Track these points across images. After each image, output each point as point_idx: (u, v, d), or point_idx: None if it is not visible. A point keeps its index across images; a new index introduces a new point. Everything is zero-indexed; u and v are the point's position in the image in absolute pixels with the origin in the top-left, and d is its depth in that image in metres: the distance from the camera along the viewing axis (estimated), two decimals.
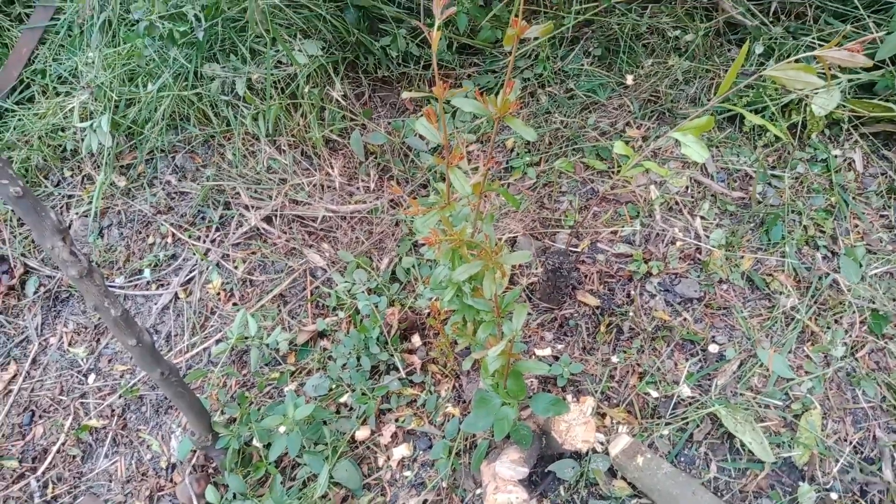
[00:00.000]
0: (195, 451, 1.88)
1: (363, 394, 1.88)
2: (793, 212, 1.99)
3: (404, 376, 1.91)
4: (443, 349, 1.86)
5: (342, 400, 1.91)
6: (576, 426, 1.41)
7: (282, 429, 1.71)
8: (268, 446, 1.76)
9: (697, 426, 1.62)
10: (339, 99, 2.34)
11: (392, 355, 1.93)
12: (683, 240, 1.93)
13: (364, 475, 1.80)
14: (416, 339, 1.99)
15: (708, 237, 1.93)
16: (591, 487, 1.59)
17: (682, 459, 1.60)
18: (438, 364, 1.93)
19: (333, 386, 1.93)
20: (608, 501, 1.55)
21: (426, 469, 1.78)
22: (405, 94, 1.00)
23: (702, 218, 1.97)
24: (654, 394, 1.68)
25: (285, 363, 2.02)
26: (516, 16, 0.94)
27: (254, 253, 2.22)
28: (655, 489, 1.48)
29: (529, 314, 1.88)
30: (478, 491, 1.69)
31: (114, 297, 1.39)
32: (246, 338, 1.96)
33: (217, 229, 2.31)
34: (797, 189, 2.04)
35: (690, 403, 1.66)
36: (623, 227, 1.98)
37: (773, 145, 2.10)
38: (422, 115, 1.08)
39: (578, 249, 1.95)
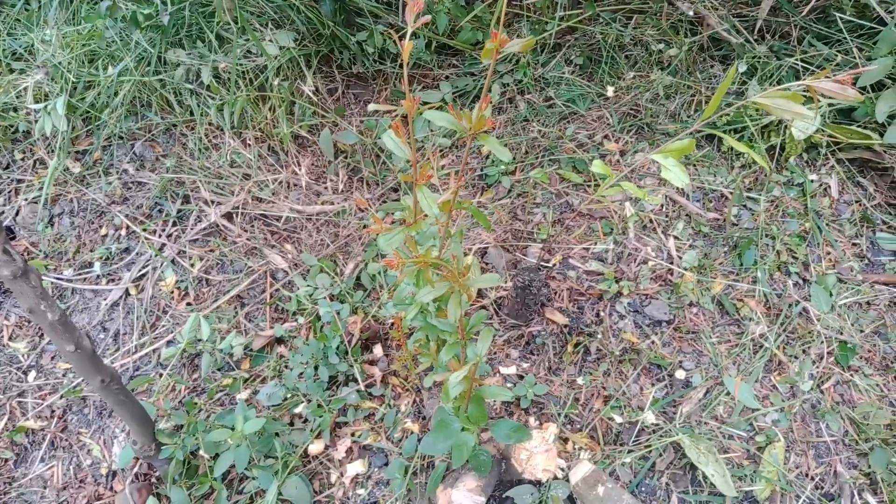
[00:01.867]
0: (138, 459, 1.78)
1: (319, 405, 1.80)
2: (767, 236, 1.96)
3: (363, 388, 1.84)
4: (405, 363, 1.79)
5: (297, 411, 1.83)
6: (537, 454, 1.35)
7: (230, 441, 1.63)
8: (215, 458, 1.67)
9: (660, 455, 1.58)
10: (311, 94, 2.24)
11: (352, 366, 1.85)
12: (656, 260, 1.89)
13: (315, 492, 1.72)
14: (377, 350, 1.92)
15: (681, 258, 1.89)
16: None
17: (643, 489, 1.55)
18: (399, 377, 1.86)
19: (288, 395, 1.85)
20: None
21: (380, 488, 1.71)
22: (372, 107, 0.92)
23: (675, 238, 1.93)
24: (619, 419, 1.64)
25: (239, 369, 1.93)
26: (497, 25, 0.87)
27: (212, 251, 2.12)
28: None
29: (496, 330, 1.82)
30: None
31: (51, 299, 1.28)
32: (198, 341, 1.87)
33: (174, 224, 2.20)
34: (772, 212, 2.01)
35: (654, 431, 1.62)
36: (596, 243, 1.93)
37: (750, 167, 2.07)
38: (389, 129, 1.00)
39: (550, 264, 1.89)
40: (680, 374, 1.70)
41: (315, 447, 1.77)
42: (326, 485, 1.73)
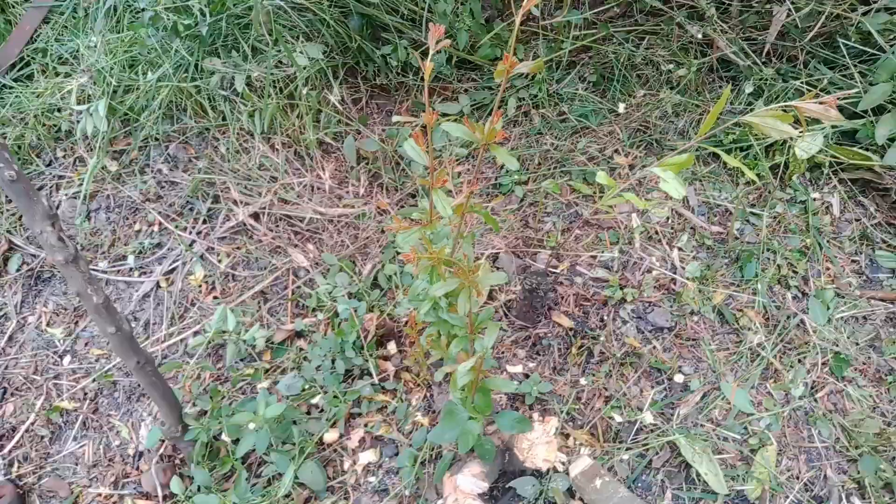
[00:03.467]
0: (163, 441, 1.89)
1: (335, 397, 1.90)
2: (768, 250, 2.04)
3: (377, 382, 1.94)
4: (417, 359, 1.89)
5: (314, 401, 1.94)
6: (538, 445, 1.45)
7: (251, 426, 1.74)
8: (236, 442, 1.78)
9: (657, 453, 1.66)
10: (337, 103, 2.37)
11: (367, 360, 1.96)
12: (660, 270, 1.98)
13: (329, 477, 1.82)
14: (391, 347, 2.02)
15: (684, 269, 1.98)
16: None
17: (640, 485, 1.64)
18: (412, 373, 1.96)
19: (306, 386, 1.96)
20: None
21: (390, 476, 1.81)
22: (395, 118, 1.04)
23: (679, 249, 2.02)
24: (618, 418, 1.72)
25: (261, 360, 2.04)
26: (509, 49, 0.98)
27: (238, 248, 2.25)
28: None
29: (504, 331, 1.91)
30: (439, 502, 1.72)
31: (97, 284, 1.41)
32: (224, 332, 1.98)
33: (204, 222, 2.32)
34: (774, 228, 2.10)
35: (652, 430, 1.70)
36: (603, 252, 2.03)
37: (754, 184, 2.15)
38: (409, 138, 1.11)
39: (557, 270, 1.99)
40: (679, 378, 1.78)
41: (330, 436, 1.87)
42: (339, 471, 1.83)
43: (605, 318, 1.90)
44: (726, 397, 1.74)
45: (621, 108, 2.31)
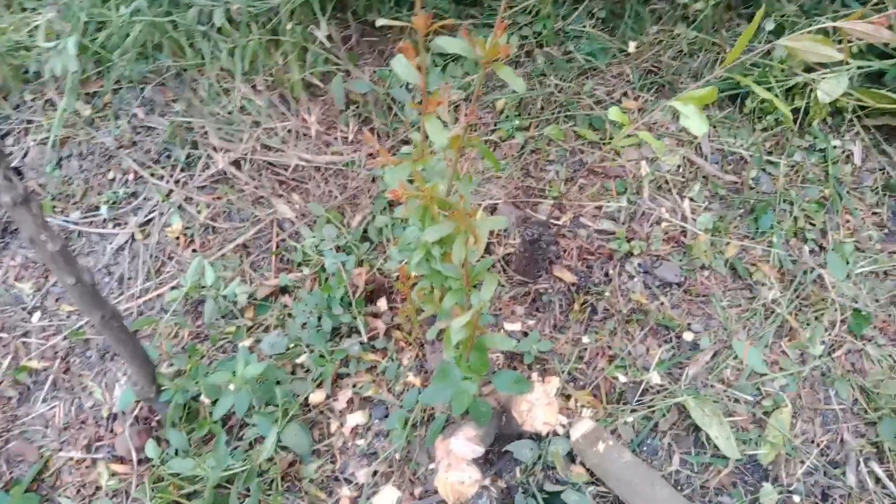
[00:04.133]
0: (139, 403, 1.79)
1: (321, 356, 1.79)
2: (784, 201, 1.90)
3: (366, 341, 1.82)
4: (409, 316, 1.77)
5: (299, 360, 1.83)
6: (538, 407, 1.34)
7: (231, 386, 1.62)
8: (215, 403, 1.67)
9: (664, 415, 1.56)
10: (324, 40, 2.18)
11: (355, 318, 1.83)
12: (669, 221, 1.84)
13: (314, 440, 1.72)
14: (381, 303, 1.90)
15: (695, 220, 1.84)
16: (548, 471, 1.52)
17: (645, 449, 1.54)
18: (403, 331, 1.84)
19: (291, 345, 1.84)
20: (564, 487, 1.49)
21: (380, 439, 1.71)
22: (379, 21, 0.88)
23: (691, 200, 1.88)
24: (623, 378, 1.61)
25: (243, 317, 1.92)
26: None
27: (219, 198, 2.10)
28: (614, 478, 1.42)
29: (502, 286, 1.79)
30: (431, 466, 1.62)
31: (52, 230, 1.26)
32: (202, 287, 1.85)
33: (182, 169, 2.17)
34: (791, 178, 1.95)
35: (658, 391, 1.59)
36: (609, 202, 1.88)
37: (772, 129, 2.00)
38: (399, 53, 0.96)
39: (560, 222, 1.85)
40: (688, 337, 1.67)
41: (316, 397, 1.76)
42: (326, 434, 1.73)
43: (611, 272, 1.77)
44: (738, 356, 1.63)
45: (632, 47, 2.13)
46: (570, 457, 1.53)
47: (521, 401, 1.39)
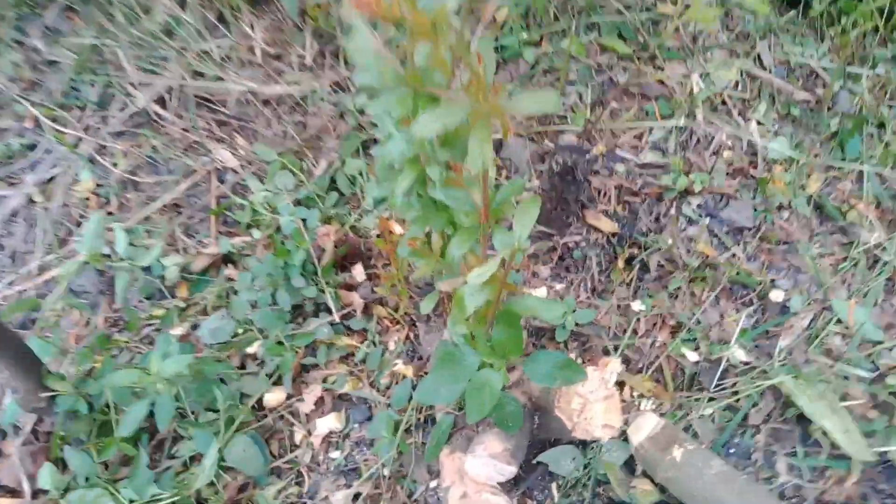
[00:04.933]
0: (40, 417, 1.31)
1: (279, 343, 1.33)
2: (873, 123, 1.48)
3: (338, 320, 1.36)
4: (394, 284, 1.31)
5: (250, 350, 1.36)
6: (594, 404, 0.89)
7: (159, 387, 1.16)
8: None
9: (755, 404, 1.13)
10: None
11: (323, 291, 1.37)
12: (733, 149, 1.41)
13: (272, 455, 1.27)
14: (357, 271, 1.44)
15: (765, 148, 1.41)
16: (599, 487, 1.09)
17: (733, 451, 1.11)
18: (387, 306, 1.39)
19: (239, 331, 1.38)
20: None
21: (361, 449, 1.26)
22: None
23: (758, 123, 1.45)
24: (693, 356, 1.18)
25: (174, 297, 1.45)
26: None
27: (140, 146, 1.62)
28: (700, 497, 0.98)
29: None
30: (432, 483, 1.18)
31: None
32: (105, 256, 1.38)
33: (93, 113, 1.68)
34: (877, 94, 1.53)
35: (744, 371, 1.16)
36: (651, 129, 1.44)
37: (847, 33, 1.57)
38: None
39: (590, 156, 1.40)
40: (776, 297, 1.24)
41: (273, 397, 1.31)
42: (288, 447, 1.28)
43: (662, 217, 1.33)
44: (842, 320, 1.21)
45: None
46: (629, 468, 1.09)
47: (570, 396, 0.94)
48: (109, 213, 1.57)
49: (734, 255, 1.29)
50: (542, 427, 1.03)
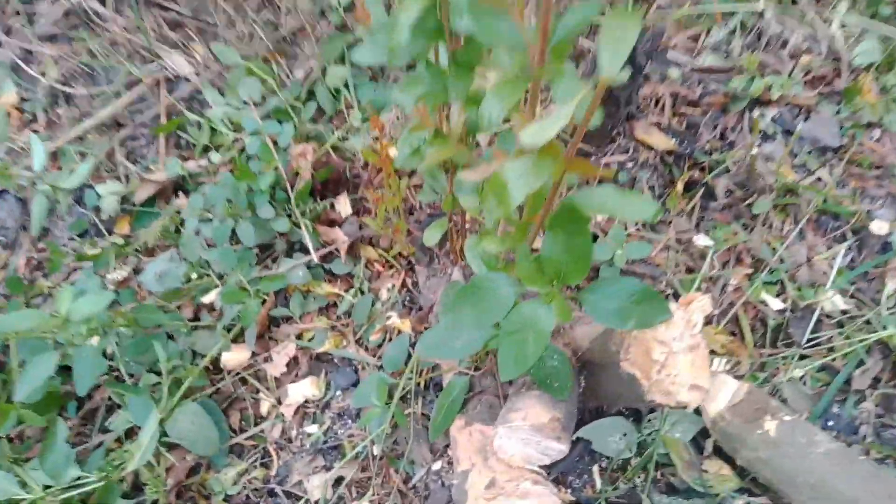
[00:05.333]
0: None
1: (242, 289, 1.04)
2: None
3: (317, 262, 1.08)
4: (389, 216, 1.03)
5: (205, 299, 1.08)
6: (678, 357, 0.62)
7: (76, 338, 0.88)
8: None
9: (860, 364, 0.87)
10: None
11: (297, 225, 1.09)
12: (810, 52, 1.13)
13: (232, 430, 1.00)
14: (342, 204, 1.16)
15: (850, 53, 1.13)
16: (657, 471, 0.83)
17: (832, 422, 0.85)
18: (378, 247, 1.11)
19: (193, 276, 1.09)
20: (689, 502, 0.80)
21: (345, 423, 0.99)
22: None
23: (841, 26, 1.17)
24: (777, 304, 0.91)
25: (112, 234, 1.16)
26: None
27: (74, 52, 1.30)
28: (806, 484, 0.72)
29: None
30: (435, 466, 0.91)
31: None
32: (38, 180, 1.08)
33: (17, 12, 1.36)
34: None
35: (843, 322, 0.90)
36: (709, 29, 1.16)
37: None
38: None
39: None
40: (877, 229, 0.97)
41: (232, 356, 1.03)
42: (252, 418, 1.01)
43: (729, 132, 1.06)
44: None
45: None
46: (696, 446, 0.83)
47: (646, 345, 0.65)
48: (36, 132, 1.26)
49: (819, 180, 1.02)
50: (589, 392, 0.76)
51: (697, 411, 0.81)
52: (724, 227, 0.97)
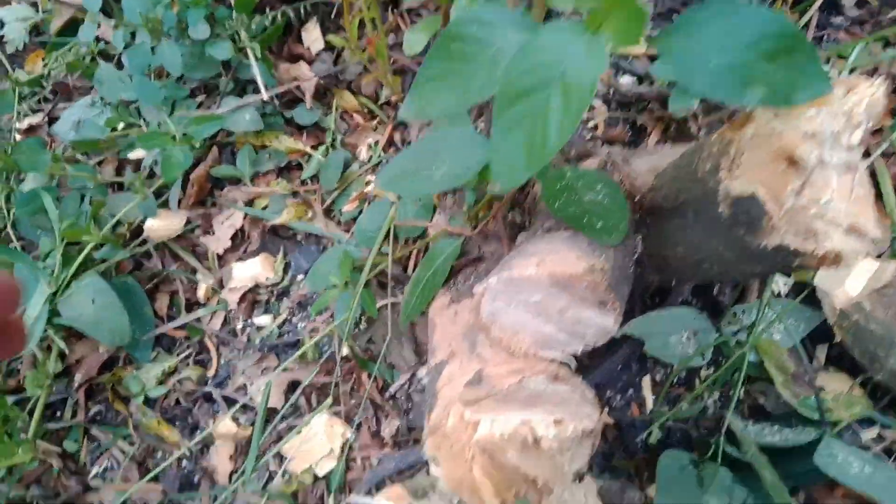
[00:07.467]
0: None
1: (172, 138, 0.76)
2: None
3: (274, 105, 0.81)
4: (370, 43, 0.73)
5: (132, 155, 0.82)
6: (830, 171, 0.33)
7: None
8: None
9: None
10: None
11: (243, 51, 0.80)
12: None
13: (158, 317, 0.75)
14: (310, 31, 0.86)
15: None
16: (745, 386, 0.56)
17: None
18: (360, 94, 0.82)
19: (120, 126, 0.83)
20: (797, 430, 0.53)
21: (307, 314, 0.74)
22: None
23: None
24: None
25: (19, 69, 0.89)
26: None
27: None
28: None
29: None
30: (421, 372, 0.66)
31: None
32: None
33: None
34: None
35: None
36: None
37: None
38: None
39: None
40: None
41: (158, 224, 0.77)
42: (184, 303, 0.76)
43: None
44: None
45: None
46: (806, 353, 0.55)
47: (784, 142, 0.33)
48: None
49: None
50: (648, 262, 0.47)
51: (812, 298, 0.53)
52: (851, 46, 0.65)
